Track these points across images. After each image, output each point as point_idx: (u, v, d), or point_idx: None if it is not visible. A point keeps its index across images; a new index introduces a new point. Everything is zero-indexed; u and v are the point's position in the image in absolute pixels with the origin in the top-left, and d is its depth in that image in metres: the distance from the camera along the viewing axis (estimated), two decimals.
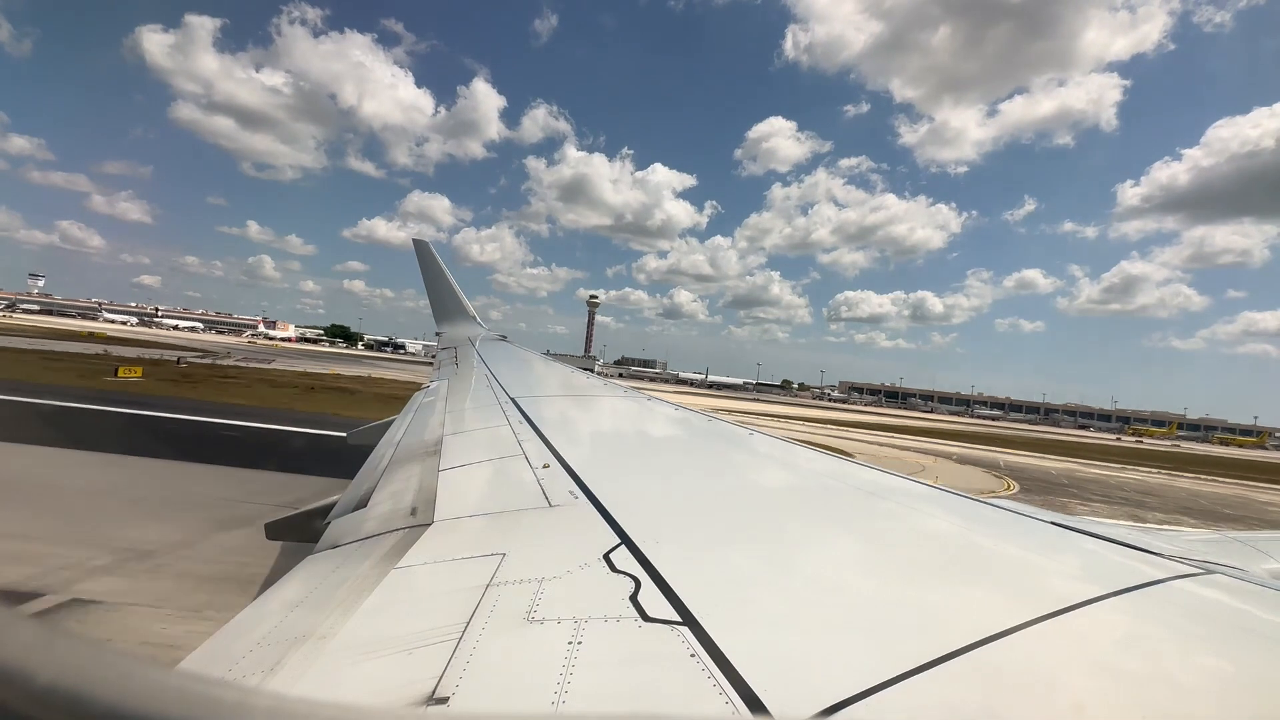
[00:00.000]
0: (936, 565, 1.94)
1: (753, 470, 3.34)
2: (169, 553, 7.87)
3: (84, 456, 12.89)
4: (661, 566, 1.60)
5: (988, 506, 2.64)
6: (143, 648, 5.69)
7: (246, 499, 10.51)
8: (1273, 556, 3.68)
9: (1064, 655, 1.31)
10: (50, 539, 7.87)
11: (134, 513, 9.39)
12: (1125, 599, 1.60)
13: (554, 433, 3.47)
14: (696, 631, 1.27)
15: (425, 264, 12.75)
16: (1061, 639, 1.36)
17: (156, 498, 10.25)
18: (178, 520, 9.07)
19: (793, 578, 1.70)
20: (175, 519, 9.14)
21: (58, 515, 8.92)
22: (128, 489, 10.71)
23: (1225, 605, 1.74)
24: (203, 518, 9.28)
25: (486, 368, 6.83)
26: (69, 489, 10.27)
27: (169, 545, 8.08)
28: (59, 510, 9.19)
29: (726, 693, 1.07)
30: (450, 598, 1.52)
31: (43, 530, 8.21)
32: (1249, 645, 1.52)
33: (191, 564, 7.63)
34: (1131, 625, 1.52)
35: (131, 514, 9.31)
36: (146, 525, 8.70)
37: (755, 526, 2.18)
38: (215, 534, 8.72)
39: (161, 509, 9.65)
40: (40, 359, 34.42)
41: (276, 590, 1.84)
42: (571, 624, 1.32)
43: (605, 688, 1.14)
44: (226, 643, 1.49)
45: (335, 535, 2.39)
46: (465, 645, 1.26)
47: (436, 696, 1.09)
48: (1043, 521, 2.46)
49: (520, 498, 2.34)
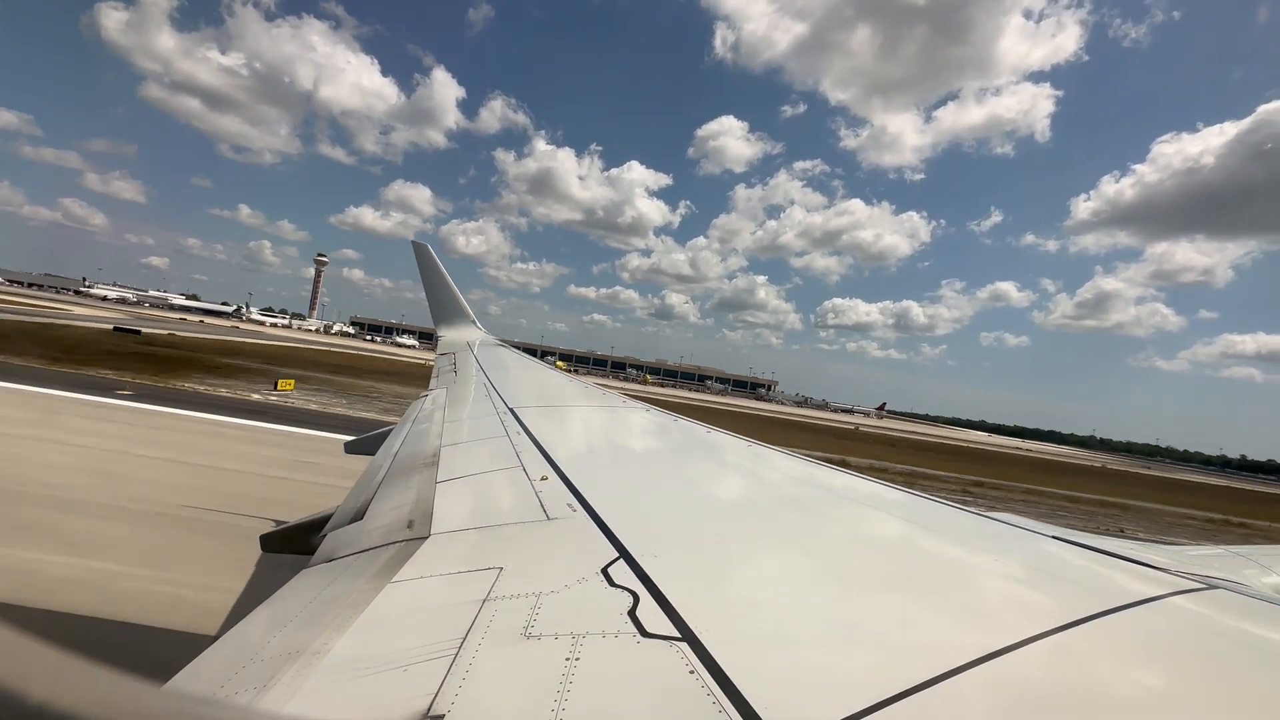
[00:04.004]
0: (938, 581, 1.93)
1: (753, 483, 3.33)
2: None
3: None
4: (660, 581, 1.59)
5: (989, 521, 2.63)
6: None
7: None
8: (1273, 570, 3.66)
9: (1065, 672, 1.30)
10: None
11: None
12: (1127, 615, 1.59)
13: (552, 444, 3.46)
14: (695, 648, 1.26)
15: (424, 266, 12.75)
16: (1063, 655, 1.35)
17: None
18: None
19: (793, 593, 1.68)
20: None
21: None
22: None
23: (1227, 620, 1.73)
24: None
25: (485, 376, 6.82)
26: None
27: None
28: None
29: (726, 710, 1.06)
30: (446, 612, 1.50)
31: None
32: (1251, 661, 1.51)
33: None
34: (1133, 641, 1.51)
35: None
36: None
37: (755, 541, 2.17)
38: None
39: None
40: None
41: (269, 605, 1.81)
42: (569, 639, 1.31)
43: (603, 705, 1.12)
44: (218, 659, 1.47)
45: (331, 548, 2.36)
46: (461, 661, 1.24)
47: (432, 714, 1.08)
48: (1044, 535, 2.45)
49: (518, 510, 2.32)
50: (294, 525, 3.44)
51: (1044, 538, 2.42)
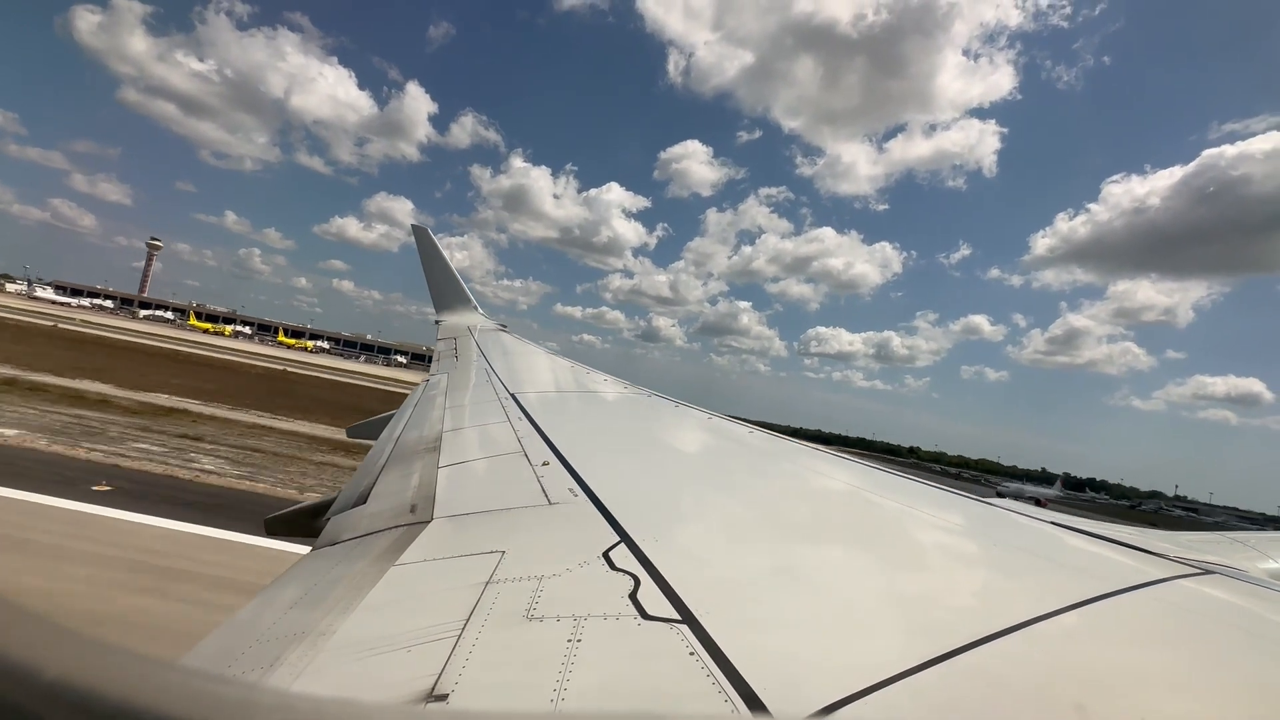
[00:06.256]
0: (936, 564, 1.94)
1: (753, 468, 3.35)
2: None
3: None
4: (661, 564, 1.60)
5: (987, 506, 2.65)
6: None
7: None
8: (1271, 556, 3.69)
9: (1064, 655, 1.32)
10: None
11: None
12: (1124, 599, 1.60)
13: (553, 429, 3.47)
14: (696, 630, 1.27)
15: (424, 250, 12.64)
16: (1061, 638, 1.37)
17: None
18: None
19: (793, 576, 1.70)
20: None
21: None
22: None
23: (1224, 605, 1.75)
24: None
25: (486, 361, 6.81)
26: None
27: None
28: None
29: (725, 691, 1.08)
30: (449, 595, 1.52)
31: None
32: (1248, 645, 1.52)
33: None
34: (1131, 625, 1.53)
35: None
36: None
37: (756, 525, 2.18)
38: None
39: None
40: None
41: (275, 587, 1.84)
42: (571, 622, 1.32)
43: (604, 686, 1.14)
44: (226, 639, 1.49)
45: (334, 532, 2.39)
46: (464, 642, 1.26)
47: (436, 694, 1.09)
48: (1041, 521, 2.46)
49: (519, 495, 2.34)
50: (298, 509, 3.46)
51: (1043, 523, 2.44)
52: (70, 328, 65.06)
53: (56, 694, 0.40)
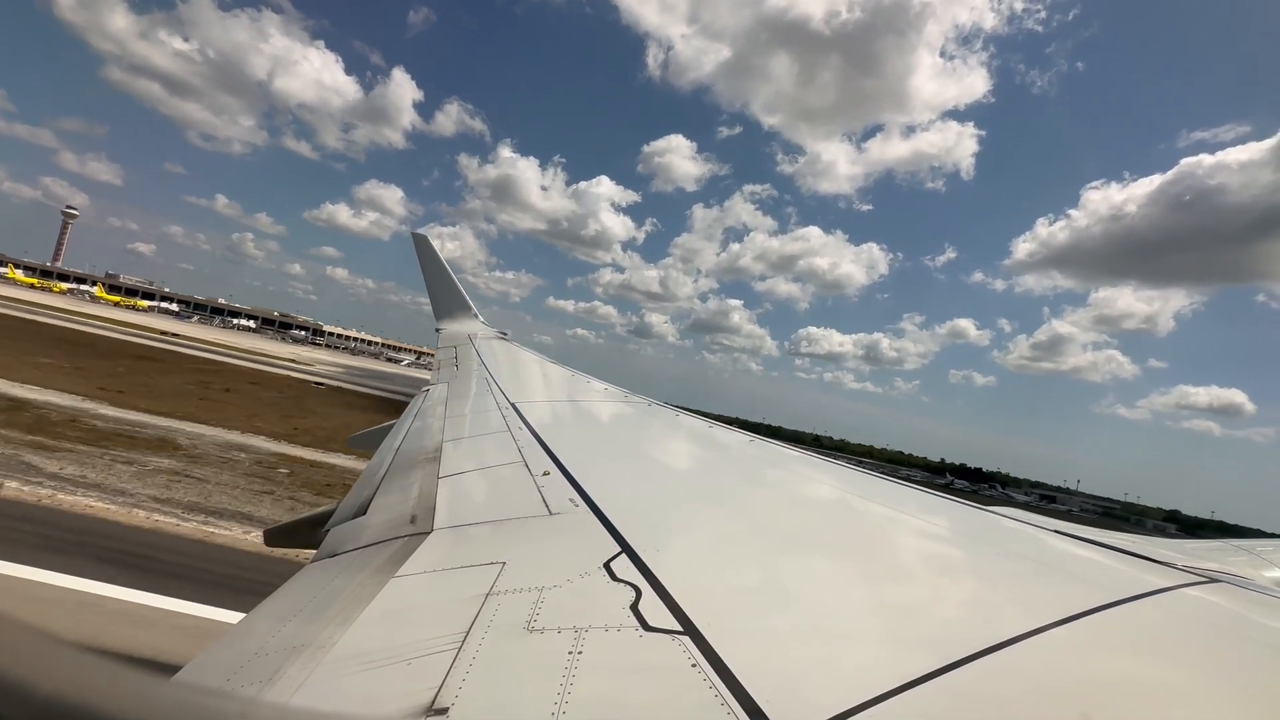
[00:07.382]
0: (940, 574, 1.93)
1: (755, 478, 3.33)
2: None
3: None
4: (662, 576, 1.59)
5: (992, 515, 2.63)
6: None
7: None
8: (1276, 564, 3.66)
9: (1069, 664, 1.30)
10: None
11: None
12: (1130, 608, 1.59)
13: (554, 439, 3.46)
14: (698, 641, 1.26)
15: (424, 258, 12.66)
16: (1066, 648, 1.35)
17: None
18: None
19: (795, 587, 1.69)
20: None
21: None
22: None
23: (1230, 614, 1.73)
24: None
25: (486, 370, 6.82)
26: None
27: None
28: None
29: (728, 703, 1.07)
30: (450, 607, 1.51)
31: None
32: (1254, 654, 1.50)
33: None
34: (1136, 634, 1.51)
35: None
36: None
37: (757, 535, 2.17)
38: None
39: None
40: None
41: (274, 599, 1.82)
42: (572, 633, 1.31)
43: (606, 698, 1.13)
44: (224, 653, 1.48)
45: (334, 543, 2.37)
46: (465, 655, 1.25)
47: (436, 707, 1.08)
48: (1046, 530, 2.45)
49: (520, 505, 2.33)
50: (297, 520, 3.45)
51: (1047, 532, 2.42)
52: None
53: (52, 710, 0.40)
